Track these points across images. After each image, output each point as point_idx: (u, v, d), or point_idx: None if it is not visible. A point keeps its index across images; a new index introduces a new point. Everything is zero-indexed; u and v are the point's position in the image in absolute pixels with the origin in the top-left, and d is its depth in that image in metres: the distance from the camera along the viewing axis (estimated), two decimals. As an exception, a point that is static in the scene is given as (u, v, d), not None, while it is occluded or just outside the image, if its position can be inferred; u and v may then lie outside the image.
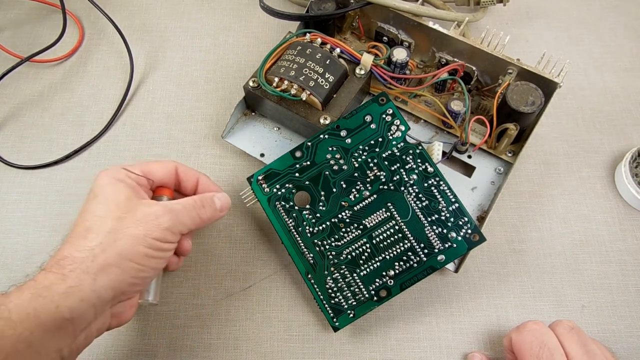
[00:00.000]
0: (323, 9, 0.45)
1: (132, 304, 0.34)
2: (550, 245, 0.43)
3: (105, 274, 0.31)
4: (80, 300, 0.29)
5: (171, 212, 0.34)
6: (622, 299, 0.41)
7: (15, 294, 0.29)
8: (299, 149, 0.40)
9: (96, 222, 0.32)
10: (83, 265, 0.30)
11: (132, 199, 0.34)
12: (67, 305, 0.29)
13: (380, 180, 0.39)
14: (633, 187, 0.43)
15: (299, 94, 0.41)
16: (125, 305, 0.34)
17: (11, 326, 0.27)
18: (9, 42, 0.52)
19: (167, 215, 0.33)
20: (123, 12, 0.55)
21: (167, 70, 0.52)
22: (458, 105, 0.43)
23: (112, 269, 0.31)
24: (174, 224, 0.34)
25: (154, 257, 0.33)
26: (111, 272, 0.31)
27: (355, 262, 0.38)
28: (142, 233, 0.32)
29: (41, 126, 0.49)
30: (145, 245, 0.32)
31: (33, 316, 0.28)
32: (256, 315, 0.40)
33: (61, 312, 0.29)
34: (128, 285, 0.32)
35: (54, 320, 0.29)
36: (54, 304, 0.29)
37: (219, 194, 0.38)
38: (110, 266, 0.31)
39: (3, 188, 0.46)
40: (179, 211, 0.35)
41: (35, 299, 0.29)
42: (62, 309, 0.29)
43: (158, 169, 0.38)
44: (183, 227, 0.35)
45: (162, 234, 0.33)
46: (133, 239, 0.32)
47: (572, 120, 0.48)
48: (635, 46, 0.52)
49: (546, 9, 0.55)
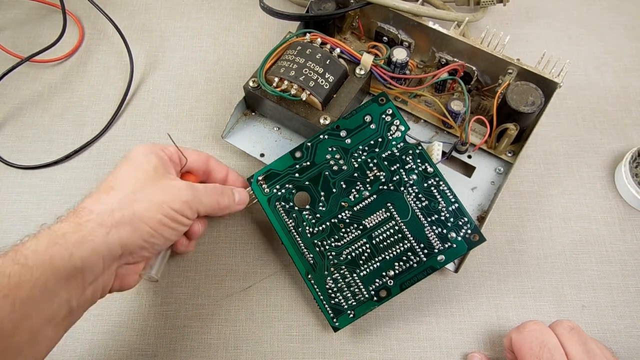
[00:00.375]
0: (323, 9, 0.45)
1: (136, 270, 0.35)
2: (550, 245, 0.43)
3: (118, 229, 0.31)
4: (92, 250, 0.30)
5: (192, 188, 0.36)
6: (622, 299, 0.41)
7: (32, 241, 0.30)
8: (298, 150, 0.40)
9: (120, 183, 0.34)
10: (99, 218, 0.31)
11: (159, 170, 0.35)
12: (79, 255, 0.30)
13: (380, 180, 0.39)
14: (633, 187, 0.43)
15: (299, 94, 0.41)
16: (130, 269, 0.34)
17: (28, 272, 0.28)
18: (9, 42, 0.52)
19: (189, 190, 0.35)
20: (123, 12, 0.55)
21: (167, 70, 0.52)
22: (458, 105, 0.43)
23: (125, 227, 0.32)
24: (193, 200, 0.35)
25: (167, 226, 0.34)
26: (124, 230, 0.32)
27: (355, 262, 0.38)
28: (161, 200, 0.33)
29: (41, 126, 0.49)
30: (161, 212, 0.33)
31: (49, 263, 0.29)
32: (256, 315, 0.40)
33: (74, 261, 0.29)
34: (137, 247, 0.33)
35: (67, 269, 0.29)
36: (68, 252, 0.29)
37: (239, 189, 0.40)
38: (124, 224, 0.32)
39: (3, 188, 0.46)
40: (200, 190, 0.36)
41: (52, 247, 0.29)
42: (75, 257, 0.30)
43: (192, 153, 0.39)
44: (201, 205, 0.36)
45: (180, 205, 0.34)
46: (151, 204, 0.33)
47: (572, 120, 0.48)
48: (635, 46, 0.52)
49: (546, 9, 0.55)
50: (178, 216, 0.34)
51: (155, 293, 0.41)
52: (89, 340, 0.39)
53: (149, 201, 0.33)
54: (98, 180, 0.46)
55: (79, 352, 0.39)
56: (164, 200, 0.33)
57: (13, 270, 0.28)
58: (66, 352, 0.39)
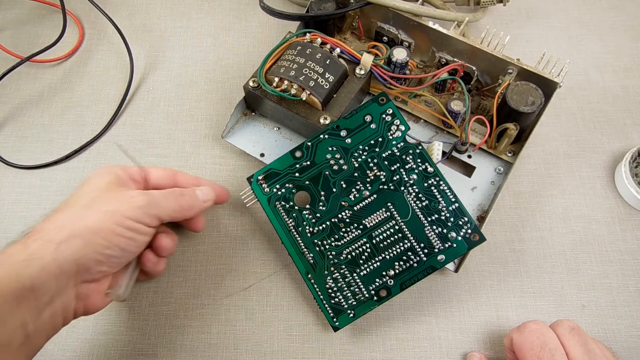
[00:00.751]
0: (323, 9, 0.45)
1: (100, 289, 0.34)
2: (550, 245, 0.43)
3: (68, 244, 0.30)
4: (40, 268, 0.29)
5: (147, 194, 0.34)
6: (622, 299, 0.41)
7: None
8: (299, 149, 0.40)
9: (73, 200, 0.33)
10: (48, 235, 0.30)
11: (113, 184, 0.34)
12: (27, 274, 0.29)
13: (380, 180, 0.39)
14: (633, 187, 0.43)
15: (299, 94, 0.41)
16: (92, 289, 0.33)
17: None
18: (9, 42, 0.52)
19: (142, 196, 0.34)
20: (123, 12, 0.55)
21: (167, 70, 0.52)
22: (458, 105, 0.43)
23: (76, 241, 0.30)
24: (148, 205, 0.34)
25: (122, 235, 0.32)
26: (74, 243, 0.30)
27: (355, 262, 0.38)
28: (113, 208, 0.32)
29: (41, 126, 0.49)
30: (114, 221, 0.32)
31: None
32: (256, 315, 0.40)
33: (21, 281, 0.28)
34: (93, 261, 0.31)
35: (15, 290, 0.28)
36: (14, 272, 0.28)
37: (202, 187, 0.38)
38: (74, 237, 0.30)
39: (3, 188, 0.46)
40: (155, 195, 0.35)
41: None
42: (23, 277, 0.28)
43: (156, 171, 0.38)
44: (159, 209, 0.34)
45: (134, 212, 0.33)
46: (103, 213, 0.32)
47: (572, 120, 0.48)
48: (635, 46, 0.52)
49: (546, 9, 0.55)
50: (134, 224, 0.33)
51: (155, 293, 0.41)
52: (89, 340, 0.39)
53: (101, 211, 0.32)
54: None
55: (79, 352, 0.39)
56: (117, 208, 0.32)
57: None
58: (66, 352, 0.39)
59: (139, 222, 0.33)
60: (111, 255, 0.32)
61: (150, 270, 0.38)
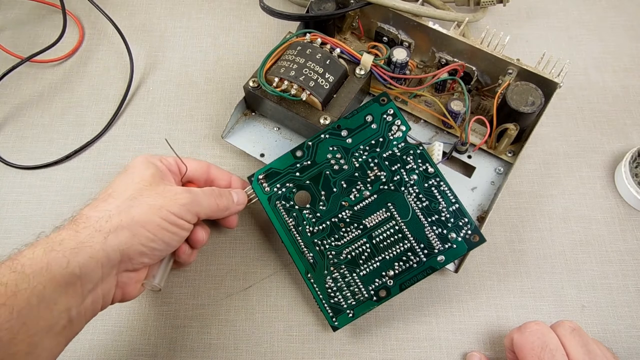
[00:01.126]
0: (323, 9, 0.45)
1: (138, 278, 0.35)
2: (550, 245, 0.43)
3: (116, 234, 0.31)
4: (89, 257, 0.30)
5: (190, 192, 0.36)
6: (622, 299, 0.41)
7: (29, 250, 0.30)
8: (299, 149, 0.40)
9: (118, 190, 0.34)
10: (97, 224, 0.31)
11: (157, 177, 0.35)
12: (77, 261, 0.30)
13: (380, 180, 0.39)
14: (633, 187, 0.43)
15: (299, 94, 0.41)
16: (131, 278, 0.34)
17: (25, 280, 0.28)
18: (9, 42, 0.52)
19: (186, 194, 0.35)
20: (123, 12, 0.55)
21: (167, 70, 0.52)
22: (458, 106, 0.43)
23: (123, 232, 0.32)
24: (191, 203, 0.35)
25: (167, 230, 0.34)
26: (122, 234, 0.31)
27: (355, 262, 0.38)
28: (160, 204, 0.33)
29: (41, 126, 0.49)
30: (160, 215, 0.33)
31: (46, 270, 0.28)
32: (256, 315, 0.40)
33: (72, 268, 0.29)
34: (136, 252, 0.32)
35: (65, 276, 0.29)
36: (66, 258, 0.29)
37: (237, 190, 0.40)
38: (122, 228, 0.32)
39: (3, 188, 0.46)
40: (198, 193, 0.36)
41: (48, 254, 0.29)
42: (73, 264, 0.29)
43: (192, 162, 0.40)
44: (200, 208, 0.36)
45: (179, 209, 0.34)
46: (149, 207, 0.33)
47: (572, 120, 0.48)
48: (635, 46, 0.52)
49: (546, 9, 0.55)
50: (177, 219, 0.34)
51: (155, 293, 0.41)
52: (89, 340, 0.39)
53: (147, 205, 0.33)
54: (98, 180, 0.46)
55: (79, 352, 0.39)
56: (163, 204, 0.33)
57: (10, 279, 0.28)
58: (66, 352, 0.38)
59: (181, 218, 0.34)
60: (154, 248, 0.34)
61: (184, 261, 0.39)
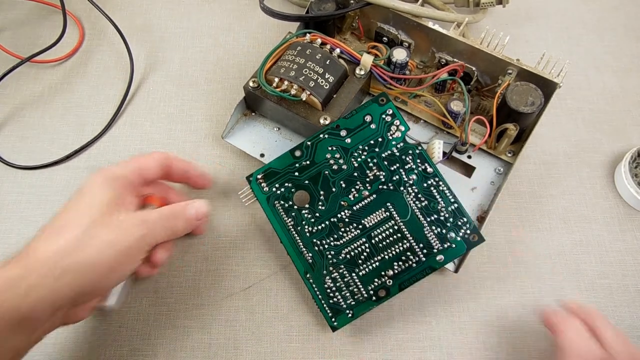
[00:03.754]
0: (323, 10, 0.45)
1: (89, 306, 0.34)
2: (550, 245, 0.43)
3: (67, 276, 0.31)
4: (40, 299, 0.30)
5: (144, 224, 0.34)
6: (622, 299, 0.41)
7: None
8: (298, 148, 0.40)
9: (73, 221, 0.32)
10: (46, 265, 0.30)
11: (113, 204, 0.34)
12: (27, 304, 0.29)
13: (379, 180, 0.39)
14: (633, 187, 0.43)
15: (299, 94, 0.41)
16: (81, 307, 0.34)
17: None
18: (9, 42, 0.52)
19: (140, 227, 0.34)
20: (123, 12, 0.55)
21: (167, 70, 0.52)
22: (458, 106, 0.43)
23: (75, 273, 0.31)
24: (146, 235, 0.34)
25: (120, 263, 0.33)
26: (74, 276, 0.31)
27: (354, 261, 0.38)
28: (113, 239, 0.32)
29: (41, 126, 0.49)
30: (114, 251, 0.32)
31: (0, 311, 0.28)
32: (256, 315, 0.40)
33: (22, 311, 0.29)
34: (89, 289, 0.32)
35: (14, 318, 0.29)
36: (16, 302, 0.29)
37: (194, 202, 0.37)
38: (74, 270, 0.31)
39: (3, 188, 0.46)
40: (154, 223, 0.35)
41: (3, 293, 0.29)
42: (23, 307, 0.29)
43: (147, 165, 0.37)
44: (155, 239, 0.35)
45: (135, 243, 0.33)
46: (103, 244, 0.32)
47: (572, 120, 0.48)
48: (635, 46, 0.52)
49: (546, 9, 0.55)
50: (132, 252, 0.33)
51: (156, 293, 0.41)
52: (89, 340, 0.39)
53: (100, 241, 0.32)
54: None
55: (79, 353, 0.39)
56: (116, 240, 0.32)
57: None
58: (65, 352, 0.39)
59: (137, 250, 0.34)
60: (107, 283, 0.33)
61: (145, 277, 0.38)
